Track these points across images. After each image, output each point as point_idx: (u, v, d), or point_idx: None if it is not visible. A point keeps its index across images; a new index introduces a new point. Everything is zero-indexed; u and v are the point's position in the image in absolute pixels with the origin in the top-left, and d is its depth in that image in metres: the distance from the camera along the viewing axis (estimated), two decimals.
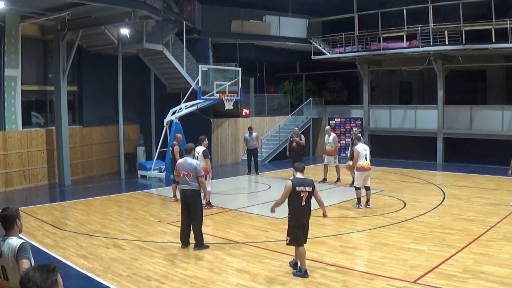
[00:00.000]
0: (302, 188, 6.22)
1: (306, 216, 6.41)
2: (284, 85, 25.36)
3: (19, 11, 13.25)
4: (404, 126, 20.45)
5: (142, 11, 13.00)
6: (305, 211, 6.33)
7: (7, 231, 3.73)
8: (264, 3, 21.42)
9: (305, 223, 6.43)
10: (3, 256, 3.60)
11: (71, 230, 9.16)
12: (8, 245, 3.61)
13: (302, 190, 6.21)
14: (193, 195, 7.77)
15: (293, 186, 6.20)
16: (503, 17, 16.22)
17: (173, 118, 15.46)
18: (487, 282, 5.96)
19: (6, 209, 3.78)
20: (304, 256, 6.38)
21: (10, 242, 3.63)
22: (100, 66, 16.86)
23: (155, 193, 13.91)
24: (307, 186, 6.26)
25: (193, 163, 7.79)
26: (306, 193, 6.23)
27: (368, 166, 10.67)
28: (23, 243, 3.63)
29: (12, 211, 3.76)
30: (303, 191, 6.21)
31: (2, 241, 3.67)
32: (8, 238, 3.68)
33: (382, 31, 19.03)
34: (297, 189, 6.21)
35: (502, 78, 20.15)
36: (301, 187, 6.22)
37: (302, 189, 6.21)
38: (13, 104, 13.85)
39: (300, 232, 6.33)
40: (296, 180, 6.31)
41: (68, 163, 14.98)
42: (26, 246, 3.62)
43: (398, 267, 6.66)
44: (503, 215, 9.67)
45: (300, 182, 6.27)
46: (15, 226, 3.74)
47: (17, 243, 3.61)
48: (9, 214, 3.74)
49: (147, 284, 6.20)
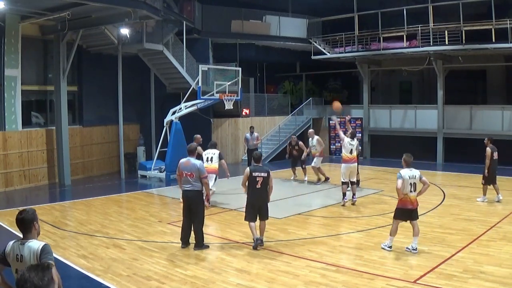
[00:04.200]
0: (258, 174, 7.54)
1: (261, 197, 7.63)
2: (284, 85, 25.36)
3: (19, 11, 13.25)
4: (404, 126, 20.46)
5: (142, 11, 13.00)
6: (259, 193, 7.59)
7: (25, 234, 3.64)
8: (264, 3, 21.43)
9: (261, 204, 7.64)
10: (24, 260, 3.50)
11: (71, 230, 9.16)
12: (28, 248, 3.52)
13: (257, 175, 7.53)
14: (195, 196, 7.74)
15: (250, 172, 7.54)
16: (503, 17, 16.22)
17: (173, 118, 15.47)
18: (487, 282, 5.96)
19: (23, 212, 3.70)
20: (254, 230, 7.71)
21: (30, 245, 3.53)
22: (100, 66, 16.85)
23: (155, 193, 13.91)
24: (262, 172, 7.58)
25: (196, 163, 7.74)
26: (261, 178, 7.52)
27: (352, 159, 10.73)
28: (45, 245, 3.55)
29: (29, 214, 3.68)
30: (258, 176, 7.52)
31: (21, 245, 3.56)
32: (27, 241, 3.58)
33: (382, 31, 19.04)
34: (254, 174, 7.53)
35: (502, 78, 20.15)
36: (257, 173, 7.55)
37: (257, 175, 7.53)
38: (13, 104, 13.85)
39: (254, 210, 7.62)
40: (253, 167, 7.66)
41: (68, 163, 14.98)
42: (49, 248, 3.54)
43: (398, 267, 6.67)
44: (503, 215, 9.68)
45: (256, 169, 7.59)
46: (33, 229, 3.65)
47: (38, 245, 3.52)
48: (26, 217, 3.65)
49: (147, 284, 6.20)
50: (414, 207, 7.43)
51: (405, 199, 7.36)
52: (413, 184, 7.35)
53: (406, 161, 7.57)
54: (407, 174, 7.37)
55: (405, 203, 7.38)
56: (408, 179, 7.33)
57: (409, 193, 7.33)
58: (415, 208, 7.45)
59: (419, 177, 7.40)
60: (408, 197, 7.34)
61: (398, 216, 7.50)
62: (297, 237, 8.47)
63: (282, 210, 10.73)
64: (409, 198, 7.35)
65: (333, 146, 22.60)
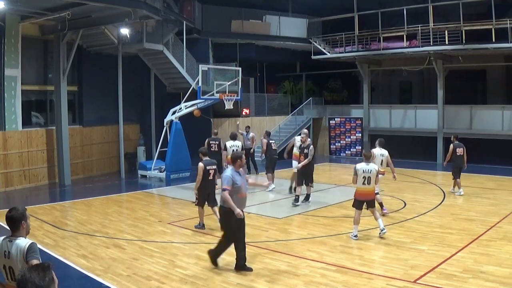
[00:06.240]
0: (210, 167, 8.89)
1: (211, 186, 9.02)
2: (284, 85, 25.36)
3: (19, 11, 13.24)
4: (404, 126, 20.45)
5: (142, 11, 13.00)
6: (211, 183, 8.96)
7: (13, 232, 3.70)
8: (264, 3, 21.44)
9: (210, 192, 8.99)
10: (11, 256, 3.57)
11: (71, 230, 9.17)
12: (16, 245, 3.58)
13: (210, 168, 8.87)
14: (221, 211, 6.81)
15: (204, 166, 8.79)
16: (503, 16, 16.22)
17: (173, 118, 15.47)
18: (487, 282, 5.96)
19: (12, 210, 3.74)
20: (202, 215, 9.02)
21: (18, 242, 3.59)
22: (100, 66, 16.84)
23: (155, 193, 13.92)
24: (213, 165, 8.96)
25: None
26: (213, 170, 8.90)
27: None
28: (32, 243, 3.60)
29: (18, 212, 3.72)
30: (211, 169, 8.87)
31: (9, 242, 3.63)
32: (15, 238, 3.64)
33: (382, 31, 19.03)
34: (207, 168, 8.81)
35: (502, 78, 20.15)
36: (209, 166, 8.87)
37: (210, 167, 8.88)
38: (13, 104, 13.85)
39: (205, 196, 8.88)
40: (206, 161, 8.93)
41: (68, 163, 14.98)
42: (35, 247, 3.59)
43: (398, 266, 6.66)
44: (503, 214, 9.67)
45: (208, 163, 8.90)
46: (21, 227, 3.70)
47: (25, 243, 3.58)
48: (15, 216, 3.70)
49: (147, 284, 6.20)
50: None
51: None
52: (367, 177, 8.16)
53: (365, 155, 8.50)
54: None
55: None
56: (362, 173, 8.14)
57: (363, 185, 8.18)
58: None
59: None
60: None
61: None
62: (297, 237, 8.47)
63: (281, 210, 10.73)
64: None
65: (333, 146, 22.61)
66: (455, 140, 12.37)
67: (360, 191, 8.25)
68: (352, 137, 21.94)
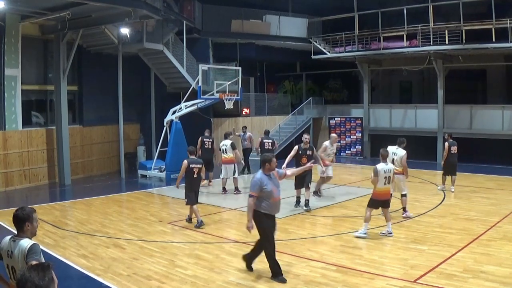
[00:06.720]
0: (194, 165, 9.10)
1: (196, 184, 9.23)
2: (284, 85, 25.34)
3: (19, 11, 13.24)
4: (404, 126, 20.44)
5: (142, 10, 13.00)
6: (196, 181, 9.17)
7: (18, 232, 3.71)
8: (264, 3, 21.42)
9: (196, 190, 9.22)
10: (13, 256, 3.58)
11: (71, 229, 9.17)
12: (18, 246, 3.59)
13: (194, 167, 9.08)
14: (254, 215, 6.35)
15: (188, 164, 9.02)
16: (503, 16, 16.20)
17: (173, 117, 15.47)
18: (487, 282, 5.96)
19: (19, 209, 3.75)
20: (197, 212, 9.15)
21: (21, 243, 3.60)
22: (100, 65, 16.84)
23: (155, 192, 13.92)
24: (197, 164, 9.17)
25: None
26: (197, 168, 9.10)
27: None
28: (33, 244, 3.60)
29: (24, 212, 3.71)
30: (195, 167, 9.08)
31: (13, 242, 3.64)
32: (19, 239, 3.65)
33: (382, 31, 19.02)
34: (191, 166, 9.06)
35: (502, 77, 20.14)
36: (193, 165, 9.10)
37: (194, 166, 9.09)
38: (13, 103, 13.85)
39: (192, 195, 9.09)
40: (190, 160, 9.12)
41: (68, 162, 14.98)
42: (37, 248, 3.59)
43: (398, 266, 6.66)
44: (504, 214, 9.67)
45: (193, 162, 9.11)
46: (25, 228, 3.69)
47: (27, 244, 3.58)
48: (20, 215, 3.70)
49: (148, 284, 6.20)
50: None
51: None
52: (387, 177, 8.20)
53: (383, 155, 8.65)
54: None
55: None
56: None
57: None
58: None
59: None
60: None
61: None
62: (297, 237, 8.47)
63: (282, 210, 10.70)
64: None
65: None
66: (449, 138, 12.67)
67: (380, 191, 8.23)
68: (352, 136, 21.93)
